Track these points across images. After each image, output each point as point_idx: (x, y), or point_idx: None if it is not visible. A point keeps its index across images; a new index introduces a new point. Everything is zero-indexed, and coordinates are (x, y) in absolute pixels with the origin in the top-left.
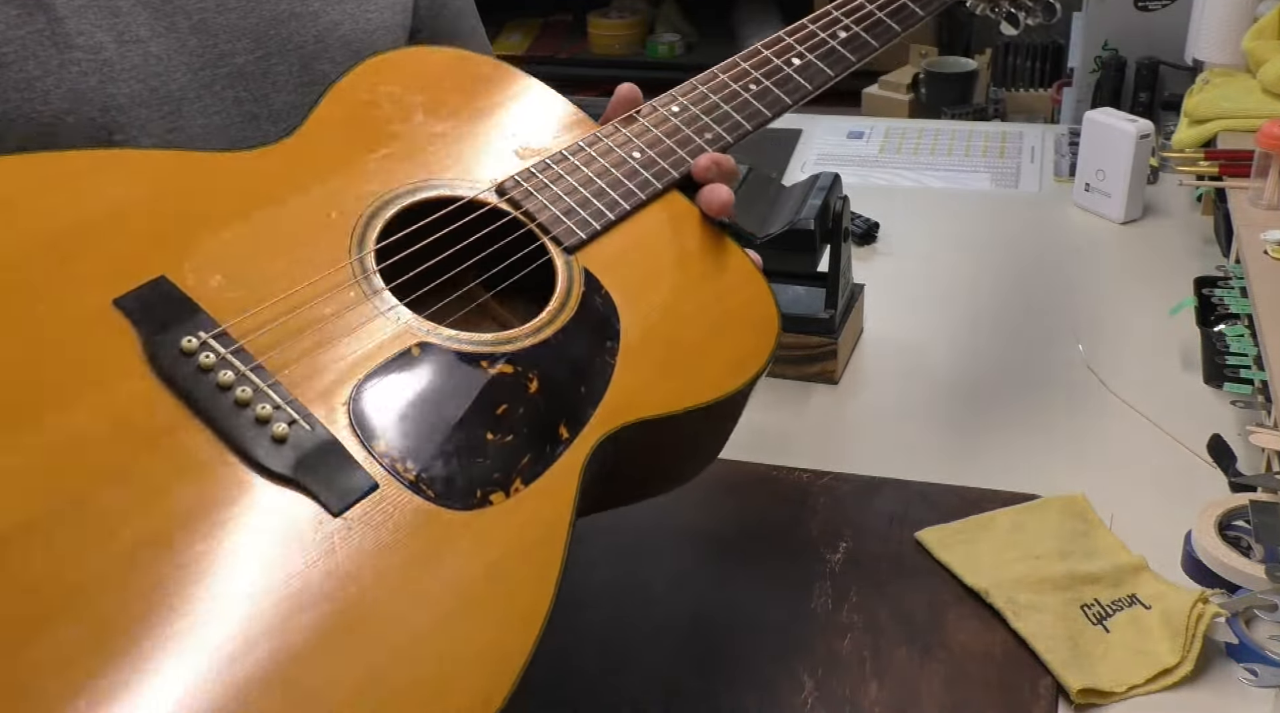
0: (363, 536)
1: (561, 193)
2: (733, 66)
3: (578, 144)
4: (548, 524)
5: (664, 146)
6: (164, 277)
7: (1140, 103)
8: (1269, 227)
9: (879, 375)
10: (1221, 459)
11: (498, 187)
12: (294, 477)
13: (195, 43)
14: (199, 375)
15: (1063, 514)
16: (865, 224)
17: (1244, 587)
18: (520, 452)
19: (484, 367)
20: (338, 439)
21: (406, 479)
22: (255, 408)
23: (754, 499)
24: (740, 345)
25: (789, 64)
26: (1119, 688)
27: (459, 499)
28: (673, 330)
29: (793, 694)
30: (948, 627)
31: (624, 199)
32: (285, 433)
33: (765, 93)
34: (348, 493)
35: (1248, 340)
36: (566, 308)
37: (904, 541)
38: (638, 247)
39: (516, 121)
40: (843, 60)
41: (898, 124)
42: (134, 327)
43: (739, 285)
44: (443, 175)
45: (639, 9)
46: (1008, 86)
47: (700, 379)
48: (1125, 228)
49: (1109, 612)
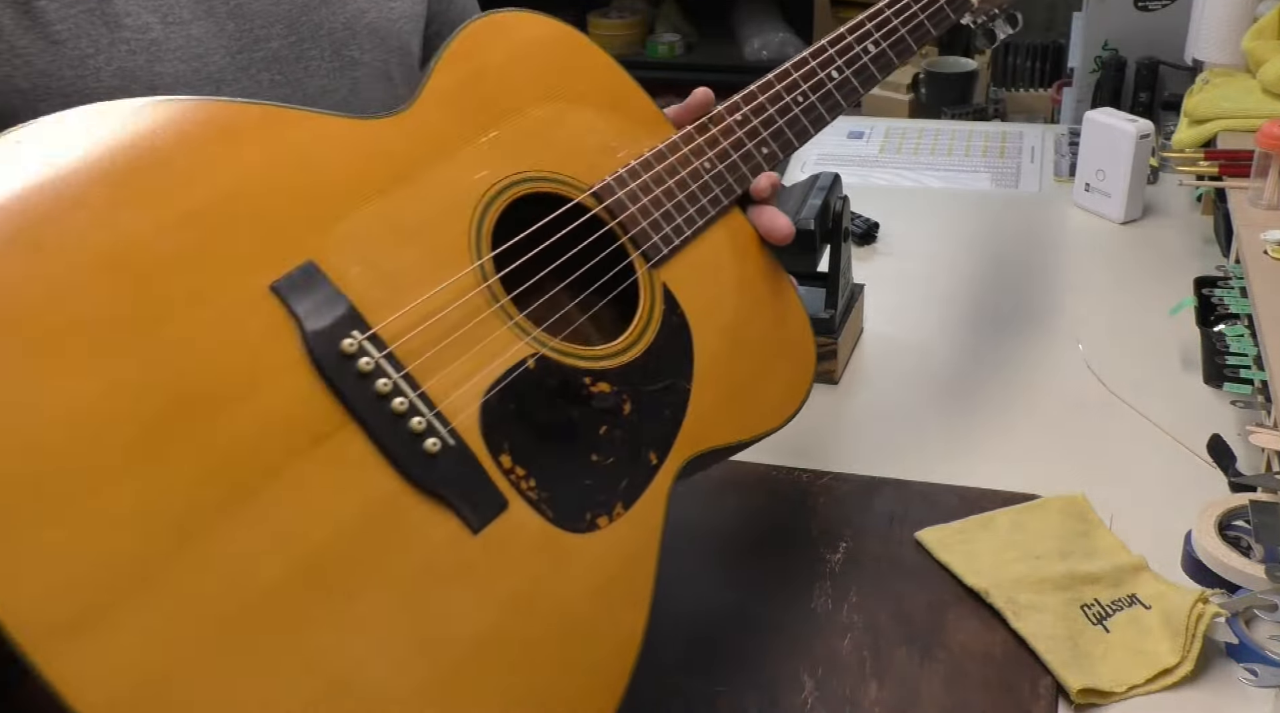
0: (496, 554)
1: (650, 204)
2: (785, 76)
3: (662, 150)
4: (643, 548)
5: (731, 160)
6: (312, 262)
7: (1140, 103)
8: (1269, 227)
9: (879, 375)
10: (1221, 459)
11: (595, 191)
12: (443, 493)
13: (233, 27)
14: (359, 381)
15: (1063, 514)
16: (865, 224)
17: (1244, 587)
18: (618, 475)
19: (588, 384)
20: (475, 455)
21: (529, 497)
22: (411, 421)
23: (754, 499)
24: (792, 377)
25: (829, 78)
26: (1119, 688)
27: (570, 522)
28: (736, 357)
29: (793, 694)
30: (948, 627)
31: (699, 215)
32: (437, 448)
33: (810, 108)
34: (486, 511)
35: (1248, 340)
36: (650, 327)
37: (904, 541)
38: (706, 265)
39: (608, 113)
40: (871, 78)
41: (898, 124)
42: (291, 318)
43: (790, 315)
44: (545, 168)
45: (639, 9)
46: (1008, 86)
47: (761, 410)
48: (1125, 228)
49: (1109, 612)
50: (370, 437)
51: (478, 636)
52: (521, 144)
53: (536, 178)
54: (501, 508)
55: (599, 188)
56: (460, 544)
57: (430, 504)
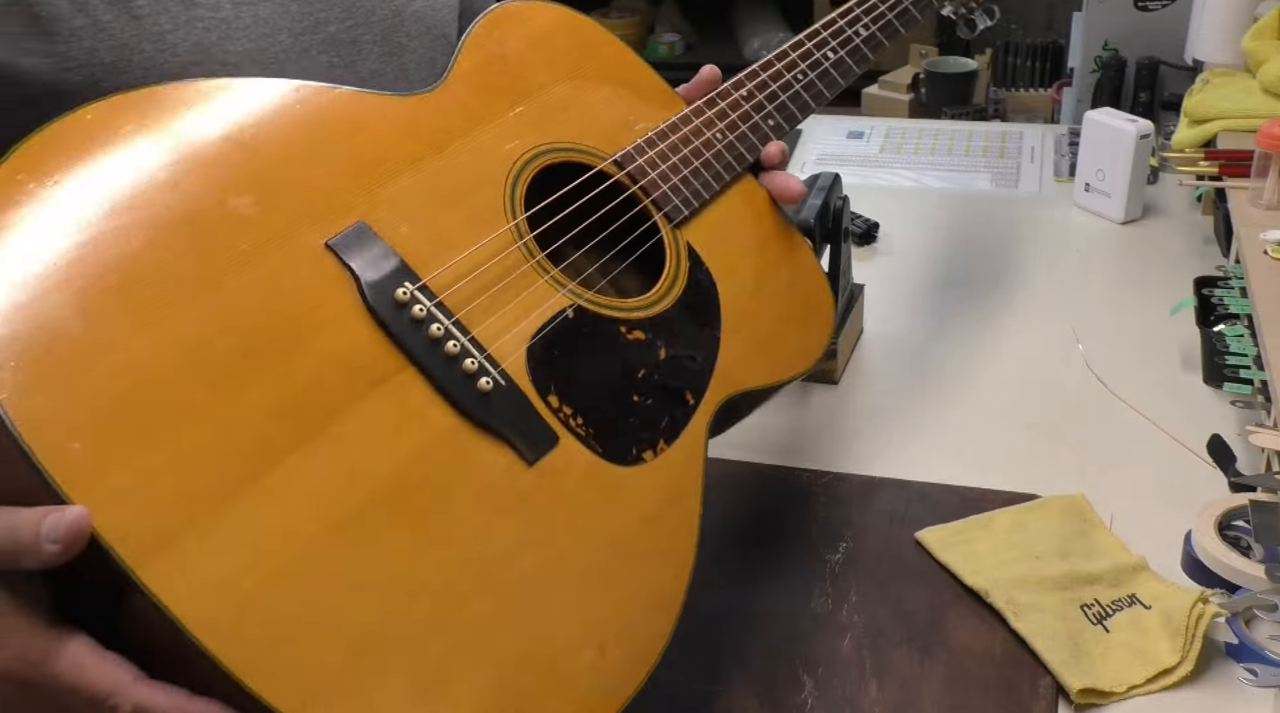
0: (551, 485)
1: (669, 170)
2: (785, 57)
3: (676, 123)
4: (689, 479)
5: (740, 131)
6: (362, 221)
7: (1140, 103)
8: (1269, 227)
9: (879, 375)
10: (1221, 459)
11: (617, 159)
12: (498, 428)
13: (295, 8)
14: (414, 327)
15: (1063, 514)
16: (865, 224)
17: (1244, 587)
18: (660, 414)
19: (623, 332)
20: (525, 394)
21: (578, 433)
22: (464, 362)
23: (754, 499)
24: (815, 324)
25: (825, 58)
26: (1119, 688)
27: (618, 455)
28: (761, 307)
29: (792, 694)
30: (947, 627)
31: (715, 180)
32: (490, 387)
33: (810, 85)
34: (539, 444)
35: (1248, 340)
36: (678, 282)
37: (904, 540)
38: (726, 226)
39: (623, 90)
40: (864, 58)
41: (898, 124)
42: (347, 271)
43: (807, 268)
44: (569, 139)
45: (639, 9)
46: (1008, 86)
47: (788, 355)
48: (1125, 228)
49: (1109, 612)
50: (427, 378)
51: (538, 561)
52: (546, 118)
53: (562, 148)
54: (554, 442)
55: (620, 156)
56: (517, 475)
57: (487, 439)
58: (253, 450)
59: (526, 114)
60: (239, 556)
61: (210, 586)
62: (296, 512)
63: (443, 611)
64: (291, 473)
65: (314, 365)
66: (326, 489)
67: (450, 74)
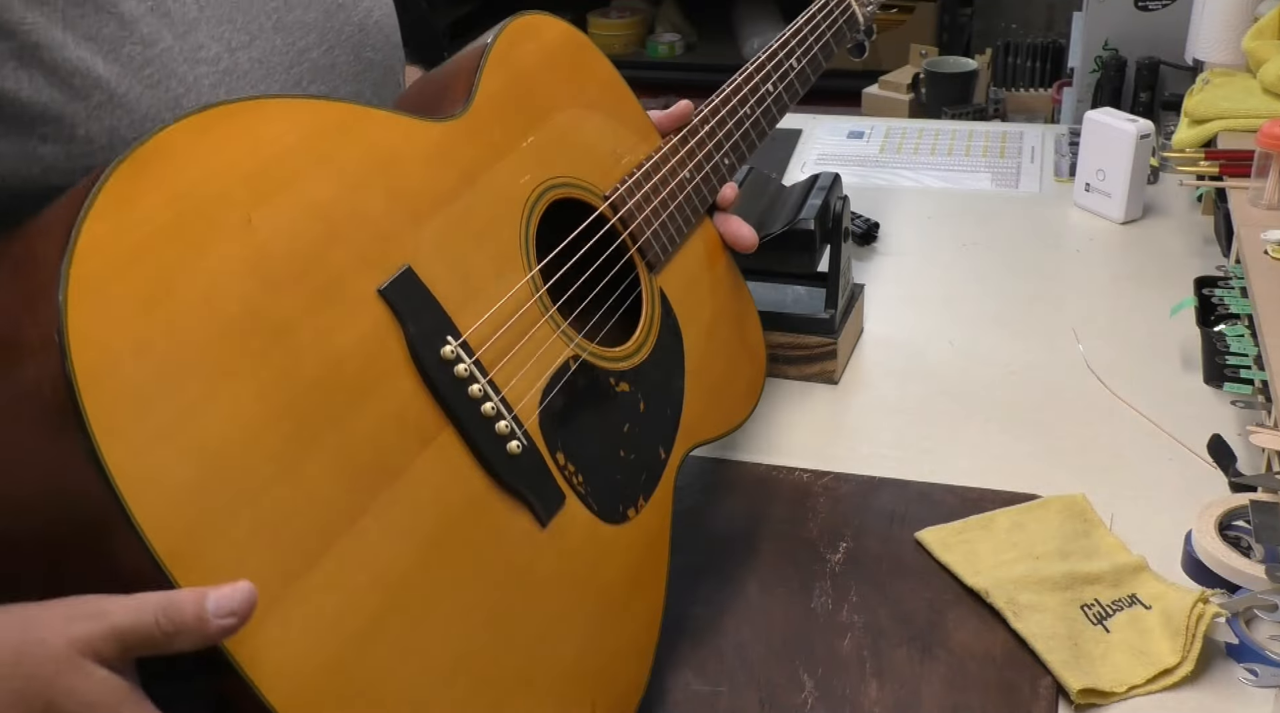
0: (559, 547)
1: (651, 214)
2: (738, 90)
3: (656, 161)
4: (659, 534)
5: (704, 172)
6: (410, 267)
7: (1140, 103)
8: (1269, 227)
9: (879, 375)
10: (1221, 459)
11: (611, 201)
12: (522, 491)
13: (279, 42)
14: (458, 385)
15: (1063, 514)
16: (865, 224)
17: (1244, 587)
18: (640, 469)
19: (613, 385)
20: (542, 455)
21: (579, 491)
22: (498, 424)
23: (754, 499)
24: (752, 374)
25: (769, 92)
26: (1119, 688)
27: (611, 515)
28: (714, 357)
29: (793, 694)
30: (948, 627)
31: (685, 224)
32: (519, 450)
33: (756, 122)
34: (552, 505)
35: (1248, 340)
36: (653, 330)
37: (904, 540)
38: (690, 271)
39: (612, 119)
40: (796, 94)
41: (898, 124)
42: (396, 321)
43: (748, 315)
44: (570, 173)
45: (639, 9)
46: (1008, 86)
47: (733, 405)
48: (1125, 228)
49: (1109, 612)
50: (464, 438)
51: (545, 624)
52: (552, 149)
53: (565, 183)
54: (562, 502)
55: (614, 198)
56: (533, 537)
57: (509, 501)
58: (323, 520)
59: (538, 144)
60: (317, 631)
61: (294, 665)
62: (362, 582)
63: (478, 677)
64: (357, 541)
65: (373, 425)
66: (386, 556)
67: (477, 95)
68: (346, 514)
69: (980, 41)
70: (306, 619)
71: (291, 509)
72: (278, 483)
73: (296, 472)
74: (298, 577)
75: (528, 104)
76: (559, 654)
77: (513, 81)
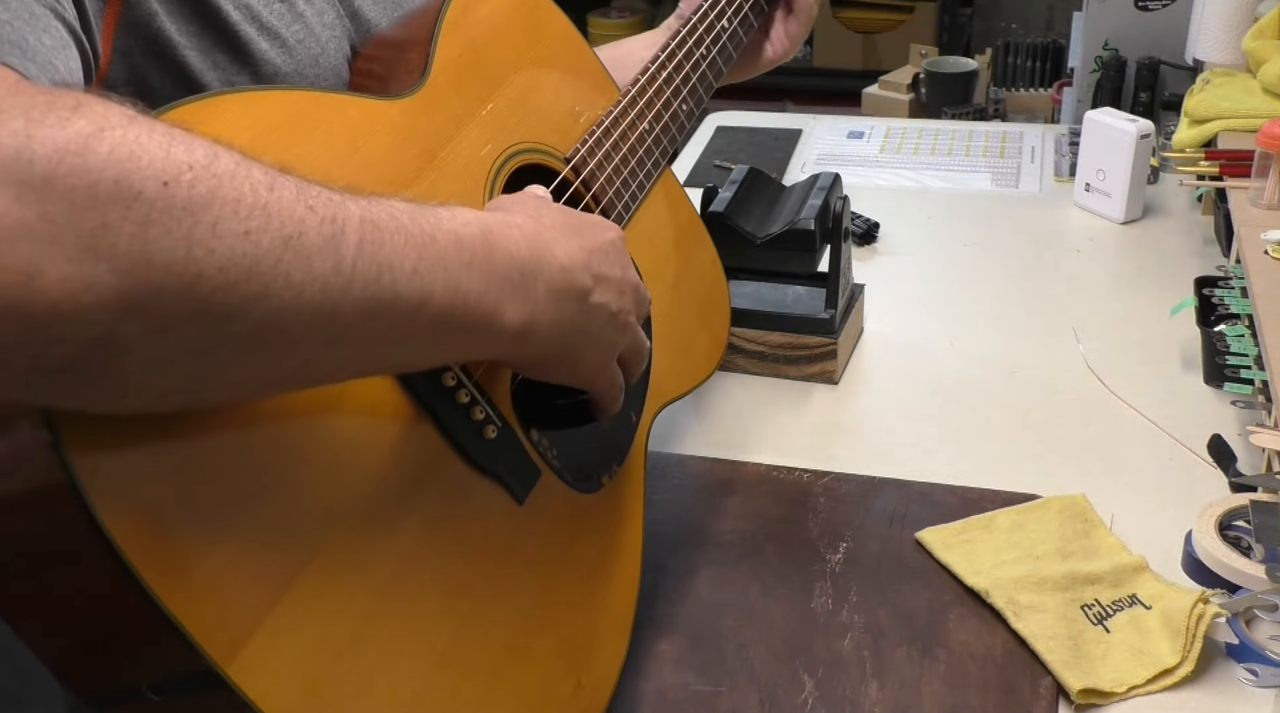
0: (536, 522)
1: (613, 173)
2: (693, 31)
3: (616, 116)
4: (634, 499)
5: (664, 121)
6: None
7: (1140, 103)
8: (1269, 227)
9: (879, 375)
10: (1221, 459)
11: (573, 164)
12: (499, 473)
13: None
14: (431, 374)
15: (1063, 514)
16: (865, 224)
17: (1244, 587)
18: (613, 437)
19: None
20: (516, 434)
21: (553, 466)
22: (473, 411)
23: (755, 499)
24: (717, 329)
25: (724, 29)
26: (1119, 688)
27: (584, 484)
28: (677, 314)
29: (793, 694)
30: (948, 627)
31: (647, 179)
32: (494, 435)
33: (713, 63)
34: (528, 482)
35: (1248, 340)
36: None
37: (904, 541)
38: (652, 226)
39: (570, 76)
40: (750, 26)
41: (898, 124)
42: None
43: (710, 268)
44: (530, 138)
45: (639, 9)
46: (1008, 86)
47: (698, 361)
48: (1125, 228)
49: (1109, 612)
50: (440, 427)
51: (530, 601)
52: (510, 115)
53: (526, 149)
54: (537, 477)
55: (575, 160)
56: (513, 515)
57: (488, 484)
58: (306, 524)
59: (497, 111)
60: (305, 638)
61: (287, 673)
62: (350, 582)
63: (469, 658)
64: (341, 546)
65: (349, 424)
66: (372, 553)
67: (433, 65)
68: (329, 516)
69: (980, 41)
70: (297, 627)
71: (274, 517)
72: (258, 500)
73: (279, 483)
74: (287, 584)
75: (484, 69)
76: (544, 629)
77: (468, 47)
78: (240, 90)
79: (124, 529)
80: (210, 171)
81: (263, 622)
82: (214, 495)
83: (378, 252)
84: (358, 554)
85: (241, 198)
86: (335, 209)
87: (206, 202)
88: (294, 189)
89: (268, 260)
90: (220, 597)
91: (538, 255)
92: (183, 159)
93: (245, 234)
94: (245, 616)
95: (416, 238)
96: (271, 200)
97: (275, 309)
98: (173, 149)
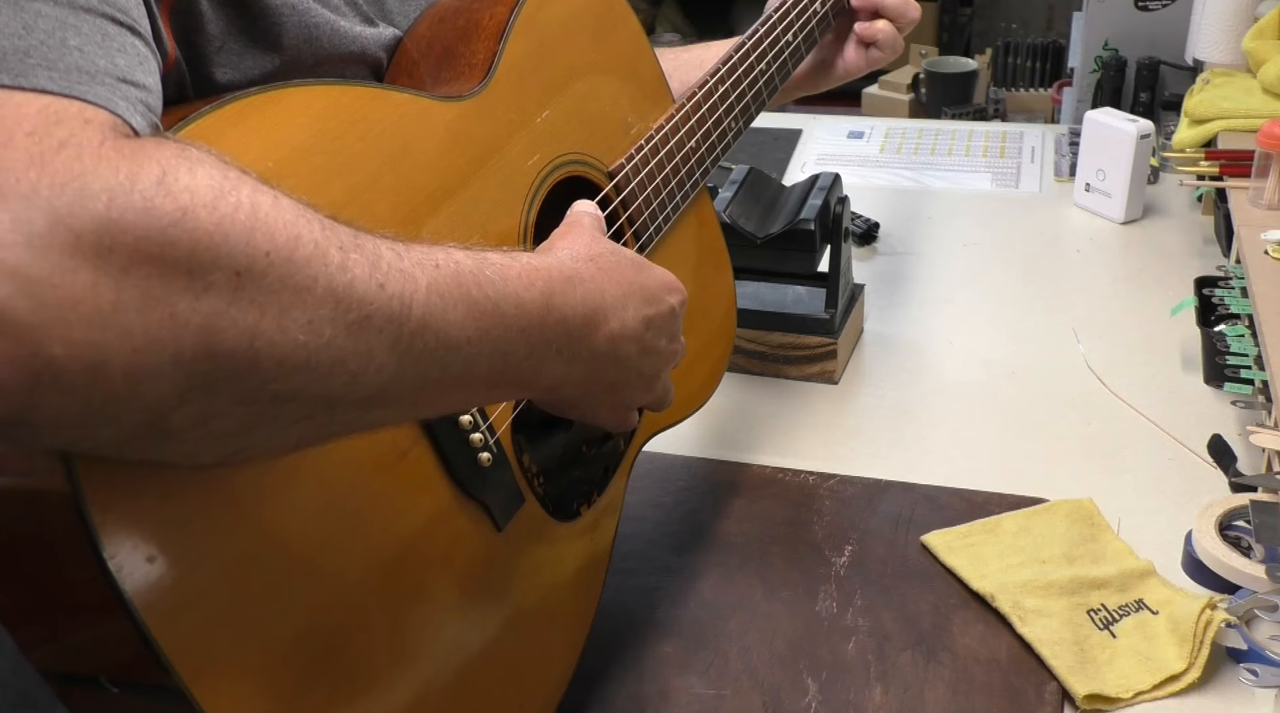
0: (514, 550)
1: (651, 192)
2: (758, 44)
3: (666, 130)
4: (604, 534)
5: (711, 139)
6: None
7: (1140, 103)
8: (1269, 227)
9: (879, 375)
10: (1221, 459)
11: (615, 180)
12: (485, 500)
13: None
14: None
15: (1070, 518)
16: (865, 224)
17: (1244, 587)
18: (598, 465)
19: None
20: (509, 461)
21: (538, 492)
22: (473, 436)
23: (759, 502)
24: (719, 355)
25: (787, 44)
26: (1125, 694)
27: (563, 513)
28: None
29: (797, 698)
30: (953, 631)
31: (683, 200)
32: (489, 463)
33: (770, 79)
34: (510, 509)
35: (1248, 340)
36: None
37: (909, 544)
38: (674, 249)
39: (629, 84)
40: (814, 41)
41: (898, 124)
42: None
43: (723, 296)
44: (577, 149)
45: (639, 9)
46: (1008, 86)
47: (695, 389)
48: (1125, 228)
49: (1116, 617)
50: (437, 451)
51: (489, 626)
52: (564, 124)
53: (572, 161)
54: (520, 504)
55: (619, 177)
56: (488, 541)
57: (471, 509)
58: (295, 545)
59: (551, 119)
60: (275, 665)
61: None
62: (341, 592)
63: (420, 684)
64: (327, 571)
65: (349, 443)
66: (351, 575)
67: (499, 66)
68: (313, 529)
69: (980, 41)
70: (268, 650)
71: (264, 531)
72: (242, 528)
73: (272, 505)
74: (267, 601)
75: (548, 72)
76: (494, 657)
77: (536, 48)
78: (299, 85)
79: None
80: (289, 258)
81: (237, 645)
82: (199, 507)
83: (440, 330)
84: (337, 574)
85: (314, 283)
86: (404, 284)
87: (276, 292)
88: (368, 265)
89: (329, 351)
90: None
91: (591, 321)
92: (262, 246)
93: (309, 323)
94: (219, 635)
95: (479, 306)
96: (341, 285)
97: (325, 392)
98: (255, 234)
